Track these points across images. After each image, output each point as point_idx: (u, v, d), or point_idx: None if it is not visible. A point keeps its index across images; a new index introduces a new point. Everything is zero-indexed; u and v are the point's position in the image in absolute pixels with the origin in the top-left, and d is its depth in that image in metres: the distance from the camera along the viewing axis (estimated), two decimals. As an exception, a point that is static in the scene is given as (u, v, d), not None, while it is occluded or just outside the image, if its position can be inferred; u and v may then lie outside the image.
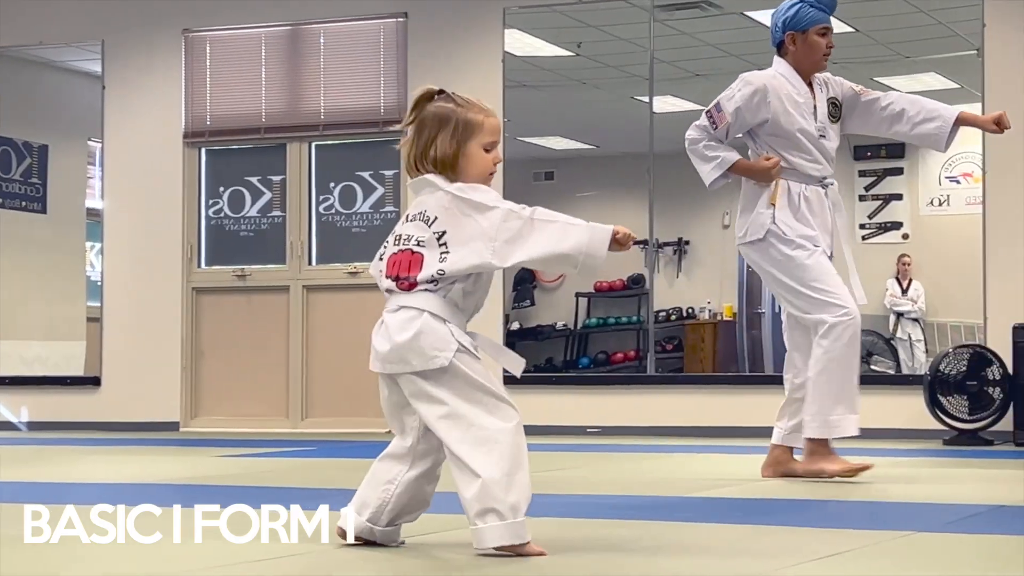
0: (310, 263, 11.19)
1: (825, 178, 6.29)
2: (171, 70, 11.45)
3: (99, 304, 11.91)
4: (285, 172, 11.26)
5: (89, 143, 12.66)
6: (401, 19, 10.95)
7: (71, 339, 12.38)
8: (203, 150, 11.49)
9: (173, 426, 11.29)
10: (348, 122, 11.00)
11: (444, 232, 3.80)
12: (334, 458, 8.28)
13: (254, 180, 11.36)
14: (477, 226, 3.78)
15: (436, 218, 3.81)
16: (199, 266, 11.41)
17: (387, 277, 3.85)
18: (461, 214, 3.80)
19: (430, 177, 3.87)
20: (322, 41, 11.15)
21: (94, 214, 12.40)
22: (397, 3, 10.96)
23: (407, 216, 3.89)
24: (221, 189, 11.46)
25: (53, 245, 12.55)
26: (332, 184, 11.18)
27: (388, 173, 11.00)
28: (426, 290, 3.79)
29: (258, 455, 8.39)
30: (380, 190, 11.03)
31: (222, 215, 11.46)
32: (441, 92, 3.95)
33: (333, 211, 11.17)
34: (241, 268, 11.34)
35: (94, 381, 11.59)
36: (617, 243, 3.77)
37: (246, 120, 11.28)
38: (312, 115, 11.14)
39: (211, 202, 11.48)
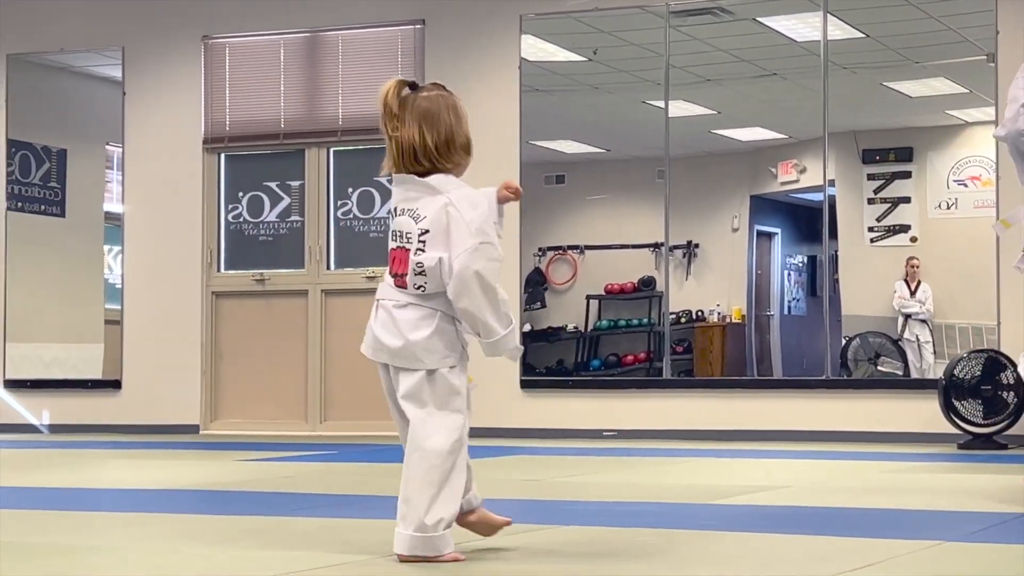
0: (328, 267, 11.27)
1: None
2: (191, 76, 11.53)
3: (116, 307, 11.98)
4: (304, 177, 11.35)
5: (107, 147, 12.71)
6: (419, 26, 11.04)
7: (89, 342, 12.42)
8: (222, 155, 11.58)
9: (193, 429, 11.36)
10: (366, 128, 11.08)
11: (427, 231, 3.96)
12: (355, 462, 8.33)
13: (273, 185, 11.44)
14: (457, 238, 3.95)
15: (425, 217, 3.96)
16: (218, 270, 11.50)
17: (390, 273, 4.00)
18: (452, 223, 3.96)
19: (434, 181, 3.99)
20: (340, 48, 11.23)
21: (112, 218, 12.46)
22: (414, 10, 11.05)
23: (398, 209, 4.01)
24: (240, 194, 11.55)
25: (71, 248, 12.59)
26: (350, 189, 11.26)
27: (406, 178, 11.07)
28: (438, 292, 3.94)
29: (279, 459, 8.46)
30: (398, 195, 11.09)
31: (241, 220, 11.55)
32: (412, 83, 4.10)
33: (351, 216, 11.25)
34: (260, 272, 11.42)
35: (115, 384, 11.67)
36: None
37: (265, 126, 11.36)
38: (330, 121, 11.23)
39: (230, 207, 11.57)
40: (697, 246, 10.89)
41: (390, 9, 11.10)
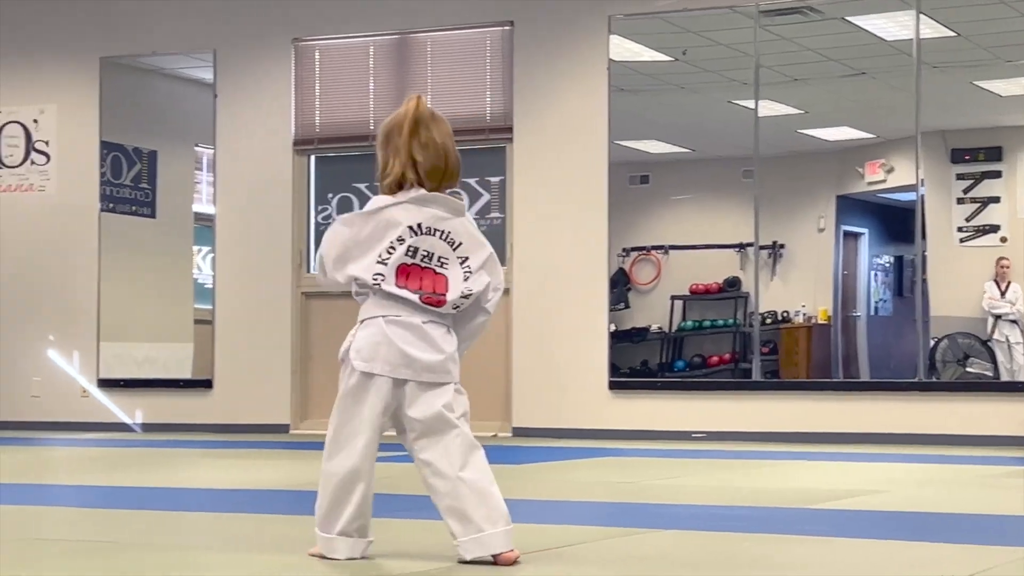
0: (417, 268, 11.30)
1: None
2: (281, 79, 11.63)
3: (205, 306, 12.10)
4: (391, 178, 11.38)
5: (196, 149, 12.85)
6: (507, 27, 11.07)
7: (179, 341, 12.55)
8: (312, 157, 11.67)
9: (283, 428, 11.46)
10: (455, 129, 11.07)
11: (467, 258, 3.98)
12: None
13: (362, 186, 11.50)
14: (487, 261, 4.02)
15: (461, 243, 3.98)
16: (308, 271, 11.58)
17: (409, 289, 3.94)
18: (479, 245, 4.02)
19: (462, 202, 4.04)
20: (429, 49, 11.29)
21: (201, 218, 12.59)
22: (503, 12, 11.08)
23: (422, 227, 3.95)
24: (330, 195, 11.63)
25: (161, 249, 12.73)
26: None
27: (494, 179, 11.12)
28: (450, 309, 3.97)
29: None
30: (486, 196, 11.15)
31: (330, 221, 11.57)
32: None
33: (439, 216, 11.27)
34: (349, 273, 11.48)
35: (206, 384, 11.78)
36: None
37: (354, 127, 11.42)
38: (419, 122, 11.25)
39: (320, 208, 11.65)
40: (783, 246, 10.84)
41: (479, 10, 11.14)
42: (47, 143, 12.32)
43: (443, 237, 3.96)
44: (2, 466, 8.34)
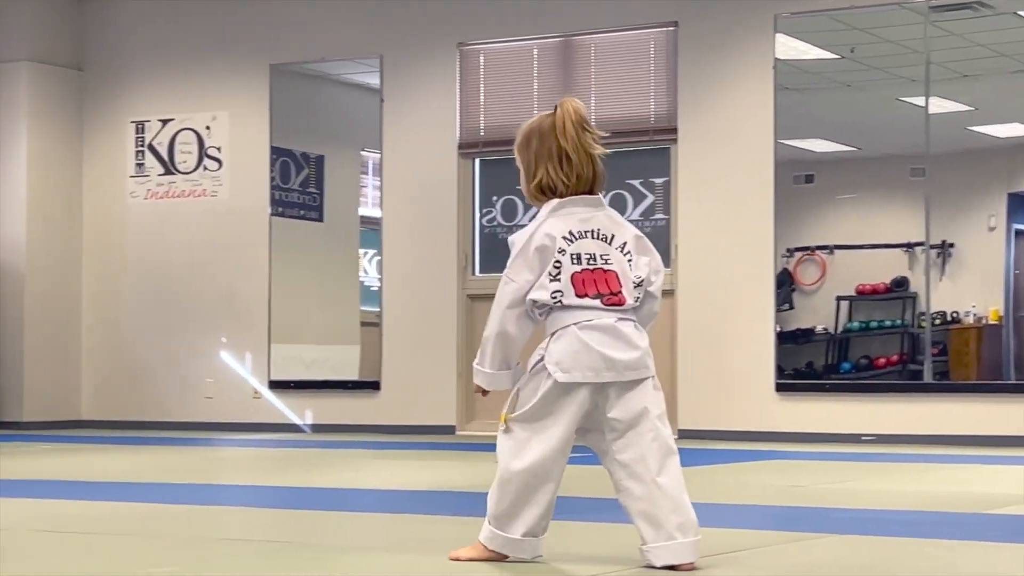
0: (580, 270, 11.31)
1: None
2: (446, 83, 11.73)
3: (370, 309, 12.24)
4: (556, 180, 11.41)
5: (362, 153, 13.01)
6: (671, 28, 11.04)
7: (346, 343, 12.71)
8: (477, 160, 11.75)
9: (449, 430, 11.55)
10: (619, 131, 11.11)
11: (624, 244, 4.00)
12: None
13: (525, 189, 11.54)
14: (638, 243, 4.04)
15: (614, 235, 4.00)
16: (473, 274, 11.67)
17: (590, 296, 3.93)
18: (626, 229, 4.06)
19: (598, 195, 4.08)
20: (593, 51, 11.30)
21: (367, 222, 12.74)
22: (668, 12, 11.05)
23: (575, 233, 3.96)
24: (494, 198, 11.70)
25: (329, 252, 12.91)
26: (602, 193, 11.27)
27: (658, 181, 11.09)
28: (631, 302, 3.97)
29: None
30: (650, 198, 11.12)
31: (495, 224, 11.70)
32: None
33: (604, 219, 11.26)
34: (513, 275, 11.53)
35: (374, 385, 11.93)
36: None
37: (518, 130, 11.44)
38: (583, 125, 11.27)
39: (485, 211, 11.73)
40: (952, 245, 10.68)
41: (643, 12, 11.12)
42: (219, 149, 12.58)
43: (595, 236, 3.98)
44: (178, 466, 8.54)
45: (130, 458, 9.19)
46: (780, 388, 10.64)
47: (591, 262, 3.95)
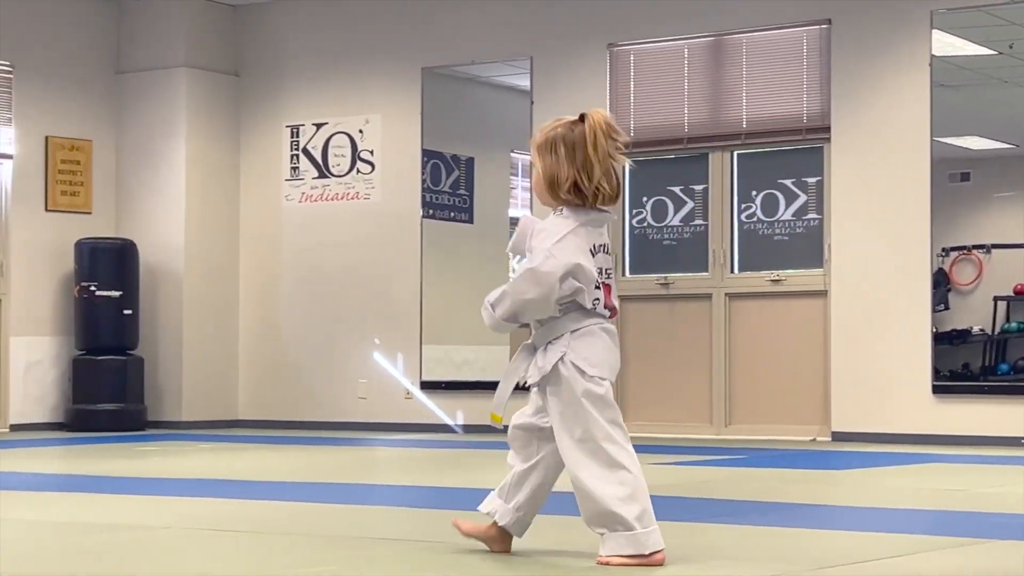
0: (732, 271, 11.27)
1: None
2: (596, 84, 11.72)
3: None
4: (707, 181, 11.37)
5: (512, 155, 13.06)
6: (825, 26, 10.92)
7: (495, 344, 12.78)
8: (627, 161, 11.69)
9: (599, 430, 11.52)
10: (770, 130, 11.04)
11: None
12: (767, 467, 8.28)
13: (676, 190, 11.51)
14: None
15: (610, 252, 4.21)
16: (624, 275, 11.65)
17: (607, 307, 4.14)
18: None
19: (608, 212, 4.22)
20: (744, 50, 11.22)
21: (516, 223, 12.76)
22: (821, 10, 10.93)
23: (602, 247, 4.16)
24: (644, 199, 11.67)
25: (479, 253, 12.98)
26: (754, 192, 11.22)
27: (811, 180, 10.98)
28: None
29: (689, 463, 8.53)
30: (803, 197, 11.01)
31: (645, 224, 11.67)
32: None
33: (755, 219, 11.20)
34: (664, 276, 11.52)
35: (524, 387, 11.93)
36: None
37: (669, 131, 11.43)
38: (734, 124, 11.22)
39: (635, 212, 11.70)
40: (1117, 244, 10.50)
41: (796, 10, 11.02)
42: (372, 152, 12.72)
43: (606, 251, 4.18)
44: (333, 466, 8.65)
45: (285, 457, 9.34)
46: (936, 390, 10.47)
47: (607, 276, 4.16)
